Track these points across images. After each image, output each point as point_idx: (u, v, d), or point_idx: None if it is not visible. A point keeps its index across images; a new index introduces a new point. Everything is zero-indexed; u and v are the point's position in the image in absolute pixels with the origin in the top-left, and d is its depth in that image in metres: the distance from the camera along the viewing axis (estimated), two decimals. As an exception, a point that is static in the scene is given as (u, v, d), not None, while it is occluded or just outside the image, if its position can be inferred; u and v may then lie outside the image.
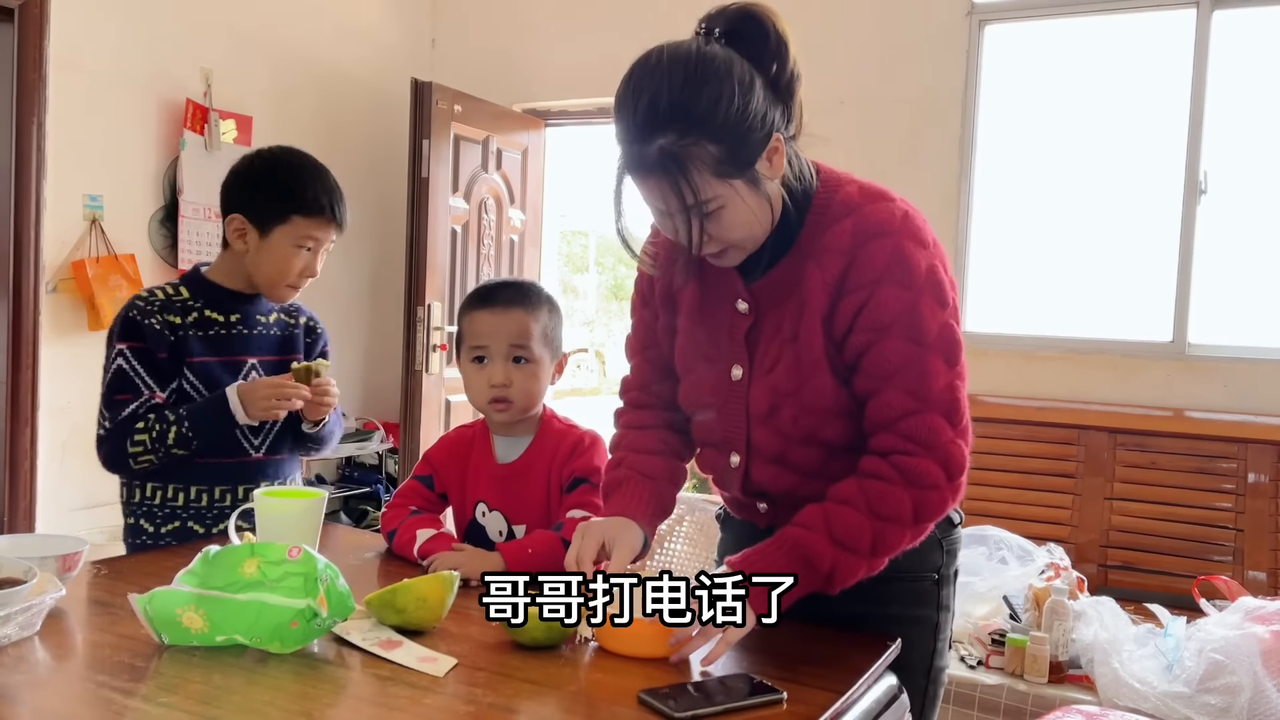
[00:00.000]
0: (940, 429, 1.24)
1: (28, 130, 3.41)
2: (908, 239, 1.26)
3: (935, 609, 1.41)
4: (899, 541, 1.25)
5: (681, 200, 1.20)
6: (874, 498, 1.23)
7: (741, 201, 1.24)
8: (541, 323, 1.63)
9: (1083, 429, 3.55)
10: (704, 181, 1.20)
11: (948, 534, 1.42)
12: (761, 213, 1.28)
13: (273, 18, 4.24)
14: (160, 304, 1.82)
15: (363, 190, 4.69)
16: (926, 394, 1.24)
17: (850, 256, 1.27)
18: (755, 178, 1.24)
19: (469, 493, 1.68)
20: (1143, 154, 3.71)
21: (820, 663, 1.20)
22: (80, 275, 3.51)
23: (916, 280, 1.25)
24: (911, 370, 1.24)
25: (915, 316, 1.24)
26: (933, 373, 1.24)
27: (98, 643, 1.20)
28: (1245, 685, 2.36)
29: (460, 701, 1.06)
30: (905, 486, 1.23)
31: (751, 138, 1.21)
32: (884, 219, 1.28)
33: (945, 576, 1.42)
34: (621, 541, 1.33)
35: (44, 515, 3.50)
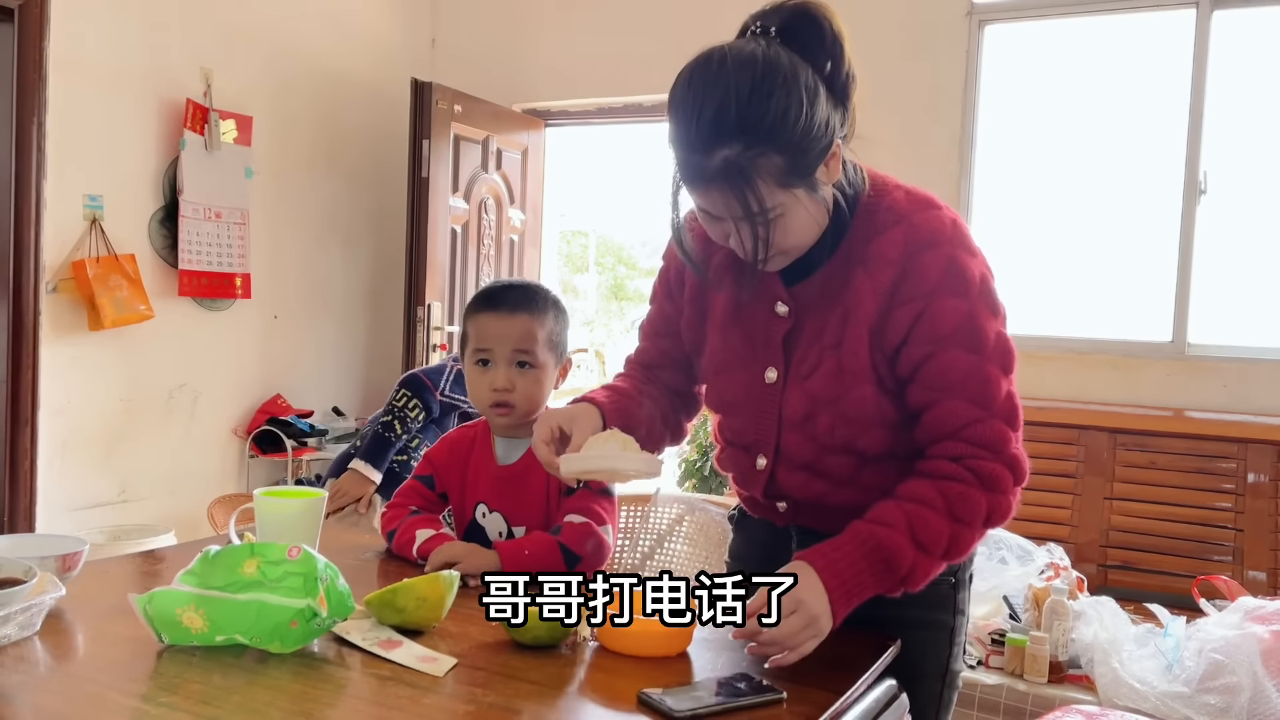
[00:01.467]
0: (1006, 435, 1.25)
1: (28, 130, 3.41)
2: (960, 249, 1.27)
3: (952, 613, 1.41)
4: (969, 545, 1.26)
5: (746, 210, 1.18)
6: (954, 500, 1.23)
7: (803, 209, 1.23)
8: (547, 328, 1.62)
9: (1083, 429, 3.55)
10: (768, 191, 1.18)
11: None
12: (819, 218, 1.27)
13: (273, 18, 4.24)
14: None
15: (363, 190, 4.70)
16: (991, 403, 1.25)
17: (902, 267, 1.26)
18: (814, 184, 1.23)
19: (469, 494, 1.68)
20: (1143, 154, 3.71)
21: (820, 663, 1.20)
22: (80, 275, 3.51)
23: (972, 290, 1.26)
24: (974, 381, 1.25)
25: (973, 326, 1.25)
26: (993, 381, 1.25)
27: (98, 643, 1.20)
28: (1245, 685, 2.36)
29: (460, 701, 1.06)
30: (982, 490, 1.24)
31: (816, 146, 1.19)
32: (935, 228, 1.27)
33: (962, 580, 1.42)
34: (579, 423, 1.32)
35: (44, 515, 3.50)
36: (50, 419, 3.52)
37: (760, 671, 1.15)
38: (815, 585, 1.18)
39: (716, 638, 1.27)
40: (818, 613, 1.16)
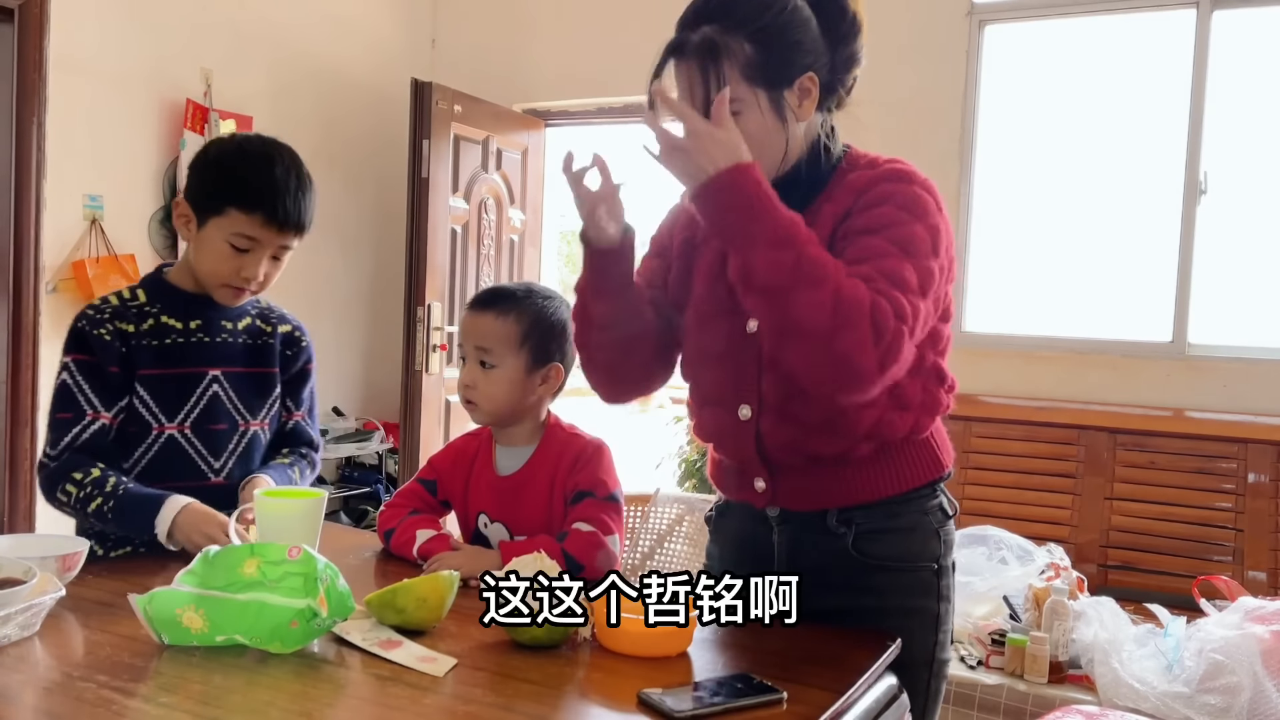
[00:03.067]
0: (908, 282, 1.20)
1: (28, 130, 3.41)
2: (922, 190, 1.29)
3: (936, 599, 1.41)
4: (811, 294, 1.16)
5: (706, 89, 1.27)
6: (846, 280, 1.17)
7: (760, 115, 1.28)
8: (514, 328, 1.60)
9: (1083, 429, 3.55)
10: (732, 78, 1.26)
11: (944, 524, 1.43)
12: (775, 140, 1.31)
13: (273, 17, 4.24)
14: (112, 311, 1.64)
15: (363, 190, 4.70)
16: (899, 278, 1.21)
17: (862, 192, 1.30)
18: (780, 103, 1.29)
19: (471, 504, 1.68)
20: (1143, 154, 3.71)
21: (820, 663, 1.20)
22: (80, 275, 3.51)
23: (917, 211, 1.26)
24: (888, 261, 1.22)
25: (907, 233, 1.24)
26: (905, 270, 1.21)
27: (98, 643, 1.20)
28: (1245, 685, 2.36)
29: (460, 701, 1.06)
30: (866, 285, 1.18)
31: (786, 55, 1.28)
32: (907, 171, 1.32)
33: (944, 567, 1.42)
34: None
35: (44, 515, 3.50)
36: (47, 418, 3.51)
37: (760, 671, 1.15)
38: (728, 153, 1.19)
39: (717, 638, 1.27)
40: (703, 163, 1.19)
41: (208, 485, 1.67)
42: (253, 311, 1.77)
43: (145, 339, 1.65)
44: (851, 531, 1.38)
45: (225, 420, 1.70)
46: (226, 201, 1.58)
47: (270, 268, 1.66)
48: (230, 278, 1.62)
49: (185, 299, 1.68)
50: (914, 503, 1.40)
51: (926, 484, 1.41)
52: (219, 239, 1.60)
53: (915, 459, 1.40)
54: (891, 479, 1.38)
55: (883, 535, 1.38)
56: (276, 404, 1.78)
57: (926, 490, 1.41)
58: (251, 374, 1.73)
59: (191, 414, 1.67)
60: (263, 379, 1.74)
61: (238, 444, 1.71)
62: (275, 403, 1.78)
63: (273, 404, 1.77)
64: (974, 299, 3.90)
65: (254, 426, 1.73)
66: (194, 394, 1.67)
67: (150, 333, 1.65)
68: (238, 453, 1.71)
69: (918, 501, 1.41)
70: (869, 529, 1.38)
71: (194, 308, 1.69)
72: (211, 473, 1.69)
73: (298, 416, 1.82)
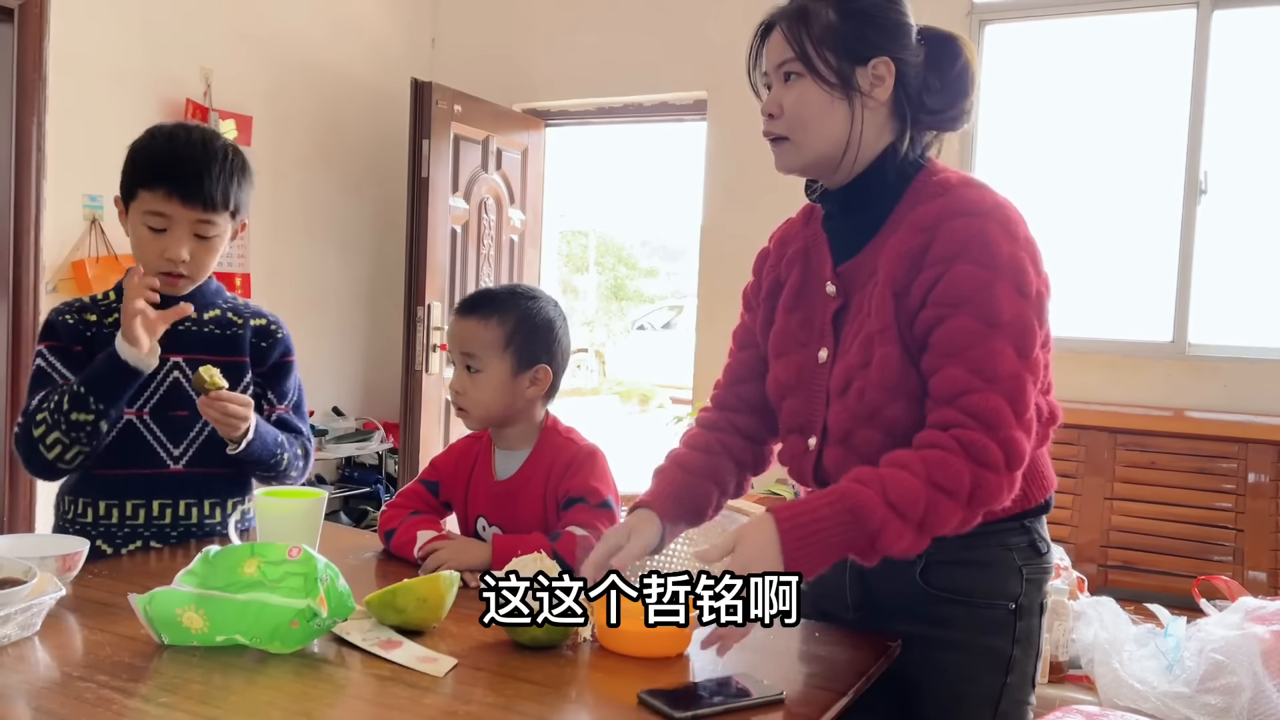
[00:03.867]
0: (1003, 412, 1.19)
1: (28, 130, 3.41)
2: (994, 223, 1.25)
3: (1010, 641, 1.32)
4: (950, 518, 1.18)
5: (793, 51, 1.31)
6: (933, 465, 1.17)
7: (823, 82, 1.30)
8: (497, 331, 1.59)
9: (1083, 429, 3.55)
10: (812, 44, 1.30)
11: (1030, 561, 1.36)
12: (836, 114, 1.32)
13: (272, 18, 4.24)
14: (79, 306, 1.71)
15: (362, 190, 4.70)
16: (992, 374, 1.20)
17: (932, 233, 1.27)
18: (849, 76, 1.30)
19: (471, 507, 1.69)
20: (1143, 154, 3.71)
21: (820, 663, 1.20)
22: (80, 275, 3.51)
23: (996, 261, 1.23)
24: (979, 349, 1.21)
25: (990, 297, 1.22)
26: (1000, 355, 1.21)
27: (98, 643, 1.20)
28: (1245, 685, 2.36)
29: (460, 702, 1.06)
30: (965, 459, 1.17)
31: (865, 31, 1.30)
32: (974, 200, 1.28)
33: (1025, 608, 1.34)
34: (638, 533, 1.33)
35: (44, 515, 3.50)
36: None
37: (760, 671, 1.15)
38: (764, 533, 1.16)
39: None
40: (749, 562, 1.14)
41: (166, 472, 1.68)
42: (222, 305, 1.77)
43: (108, 329, 1.66)
44: (921, 561, 1.33)
45: (187, 407, 1.69)
46: (136, 185, 1.62)
47: (198, 249, 1.65)
48: (157, 262, 1.63)
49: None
50: (994, 536, 1.33)
51: (1009, 518, 1.34)
52: (139, 224, 1.62)
53: None
54: None
55: (955, 567, 1.33)
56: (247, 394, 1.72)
57: (1012, 524, 1.35)
58: (220, 361, 1.70)
59: (151, 400, 1.68)
60: (229, 367, 1.70)
61: (200, 432, 1.70)
62: (245, 393, 1.72)
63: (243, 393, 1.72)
64: (974, 299, 3.90)
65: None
66: (154, 380, 1.67)
67: (113, 324, 1.64)
68: (199, 441, 1.70)
69: (998, 535, 1.34)
70: (940, 559, 1.32)
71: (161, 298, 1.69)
72: (170, 459, 1.68)
73: (281, 410, 1.79)
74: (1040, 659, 1.40)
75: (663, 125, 4.99)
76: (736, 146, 4.10)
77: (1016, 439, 1.20)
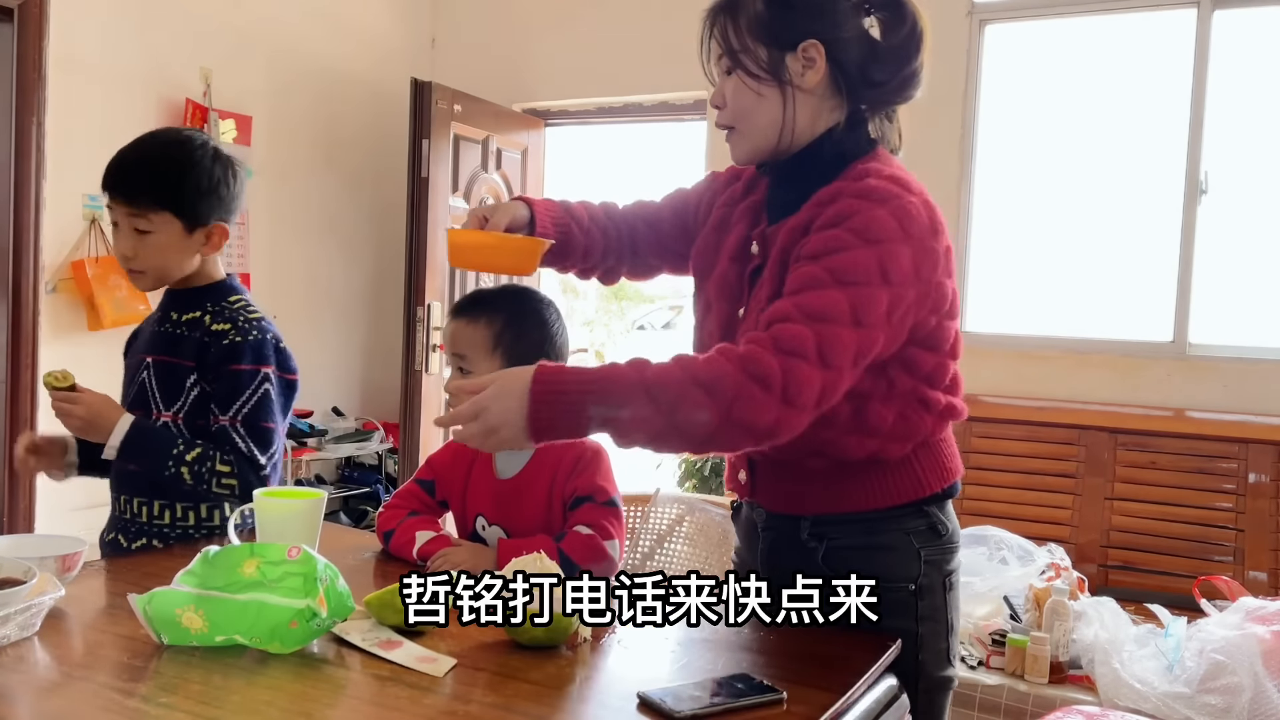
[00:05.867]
0: (804, 343, 1.18)
1: (27, 130, 3.41)
2: (886, 211, 1.25)
3: (914, 620, 1.37)
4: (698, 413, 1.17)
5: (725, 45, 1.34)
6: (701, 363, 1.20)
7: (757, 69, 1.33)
8: (485, 333, 1.58)
9: (1083, 429, 3.55)
10: (739, 35, 1.33)
11: (930, 544, 1.39)
12: (769, 103, 1.34)
13: (272, 17, 4.24)
14: None
15: (362, 190, 4.70)
16: (814, 314, 1.20)
17: (824, 207, 1.29)
18: (779, 66, 1.32)
19: (470, 505, 1.68)
20: (1143, 154, 3.71)
21: (820, 663, 1.20)
22: (80, 275, 3.51)
23: (870, 235, 1.23)
24: (813, 293, 1.21)
25: (849, 259, 1.22)
26: (833, 304, 1.20)
27: (98, 643, 1.20)
28: (1246, 685, 2.36)
29: (460, 702, 1.06)
30: (738, 368, 1.18)
31: (792, 17, 1.32)
32: (878, 188, 1.28)
33: (926, 587, 1.38)
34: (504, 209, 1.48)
35: (44, 515, 3.50)
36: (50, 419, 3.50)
37: (760, 671, 1.15)
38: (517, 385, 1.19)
39: (717, 638, 1.27)
40: (496, 425, 1.19)
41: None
42: (209, 308, 1.74)
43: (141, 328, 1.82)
44: (823, 546, 1.38)
45: (143, 407, 1.72)
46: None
47: (136, 243, 1.69)
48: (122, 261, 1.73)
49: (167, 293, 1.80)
50: (892, 520, 1.38)
51: (906, 504, 1.38)
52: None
53: (888, 480, 1.37)
54: (857, 496, 1.37)
55: (855, 553, 1.36)
56: (191, 400, 1.71)
57: (910, 510, 1.38)
58: (167, 363, 1.73)
59: (126, 400, 1.76)
60: (174, 369, 1.70)
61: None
62: (190, 399, 1.70)
63: (187, 399, 1.71)
64: (974, 299, 3.90)
65: (164, 418, 1.72)
66: (134, 378, 1.76)
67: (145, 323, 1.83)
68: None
69: (897, 520, 1.38)
70: (842, 545, 1.38)
71: (164, 298, 1.80)
72: None
73: (223, 421, 1.69)
74: (955, 634, 1.43)
75: (663, 125, 4.99)
76: (736, 146, 4.10)
77: (805, 375, 1.18)
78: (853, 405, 1.30)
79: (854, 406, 1.30)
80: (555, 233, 1.53)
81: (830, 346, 1.19)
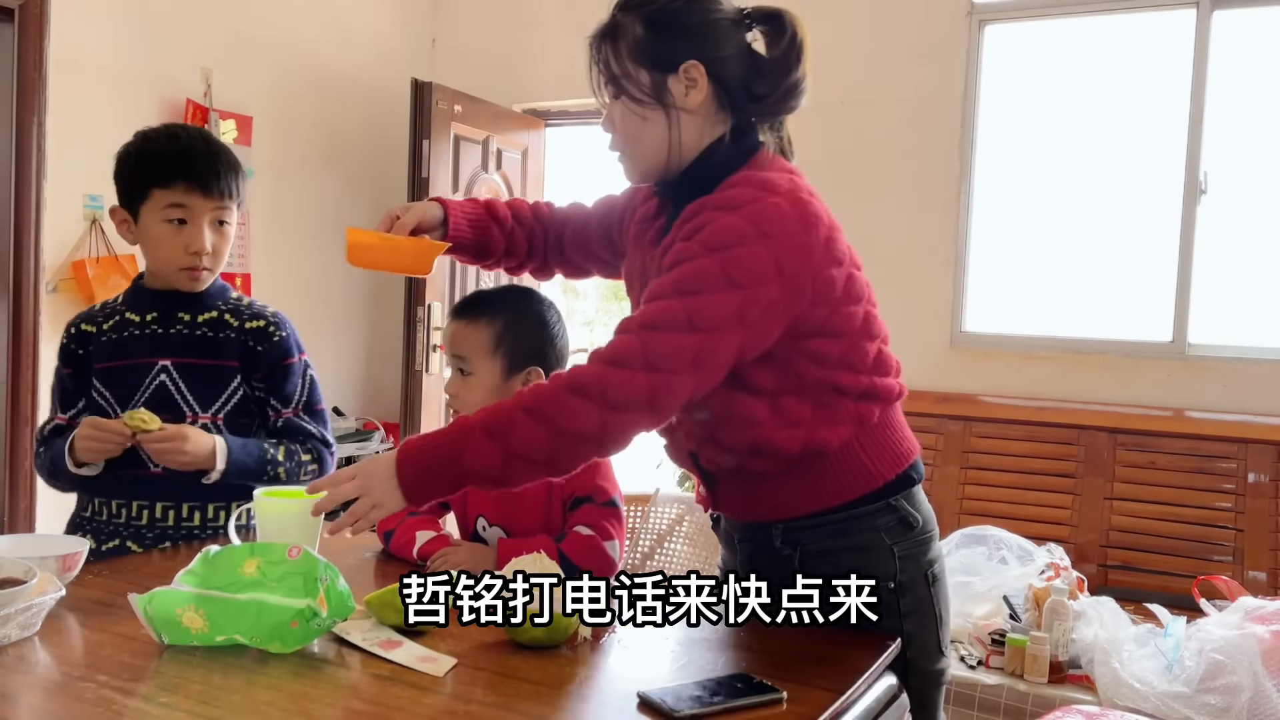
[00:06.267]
0: (630, 352, 1.23)
1: (28, 130, 3.41)
2: (741, 216, 1.27)
3: (898, 618, 1.37)
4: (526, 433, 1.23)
5: (608, 71, 1.38)
6: (538, 390, 1.26)
7: (640, 94, 1.35)
8: (485, 334, 1.58)
9: (1083, 429, 3.55)
10: (621, 56, 1.36)
11: (902, 539, 1.39)
12: (654, 125, 1.36)
13: (273, 18, 4.24)
14: (85, 316, 1.78)
15: (363, 190, 4.69)
16: (647, 323, 1.25)
17: (687, 220, 1.33)
18: (661, 89, 1.35)
19: (470, 506, 1.68)
20: (1143, 154, 3.71)
21: (820, 663, 1.20)
22: (80, 275, 3.51)
23: (719, 242, 1.26)
24: (655, 306, 1.26)
25: (693, 271, 1.25)
26: (669, 314, 1.24)
27: (98, 643, 1.20)
28: (1245, 685, 2.36)
29: (460, 701, 1.06)
30: (562, 379, 1.25)
31: (671, 40, 1.34)
32: (735, 196, 1.31)
33: (906, 584, 1.38)
34: (415, 211, 1.53)
35: (44, 515, 3.50)
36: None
37: (760, 671, 1.15)
38: (384, 465, 1.28)
39: (716, 638, 1.27)
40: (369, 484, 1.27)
41: (148, 475, 1.69)
42: (223, 305, 1.76)
43: (105, 335, 1.73)
44: (797, 553, 1.39)
45: (172, 410, 1.69)
46: (147, 185, 1.66)
47: (216, 238, 1.70)
48: (179, 257, 1.68)
49: (151, 295, 1.75)
50: (863, 519, 1.38)
51: (867, 498, 1.38)
52: (155, 223, 1.67)
53: (836, 471, 1.37)
54: (812, 493, 1.38)
55: (829, 556, 1.37)
56: (235, 400, 1.73)
57: (874, 505, 1.38)
58: (203, 365, 1.72)
59: (139, 404, 1.69)
60: (214, 371, 1.72)
61: None
62: (233, 398, 1.73)
63: (230, 399, 1.73)
64: (974, 299, 3.90)
65: (203, 419, 1.71)
66: (142, 384, 1.70)
67: (111, 329, 1.74)
68: None
69: (867, 518, 1.38)
70: (815, 549, 1.38)
71: (156, 301, 1.74)
72: (151, 462, 1.67)
73: (287, 414, 1.78)
74: (945, 626, 1.43)
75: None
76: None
77: (622, 379, 1.23)
78: (769, 401, 1.33)
79: (770, 402, 1.33)
80: (470, 232, 1.59)
81: (657, 351, 1.23)
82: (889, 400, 1.40)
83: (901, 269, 3.90)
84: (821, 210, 1.32)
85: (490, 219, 1.62)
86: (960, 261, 3.86)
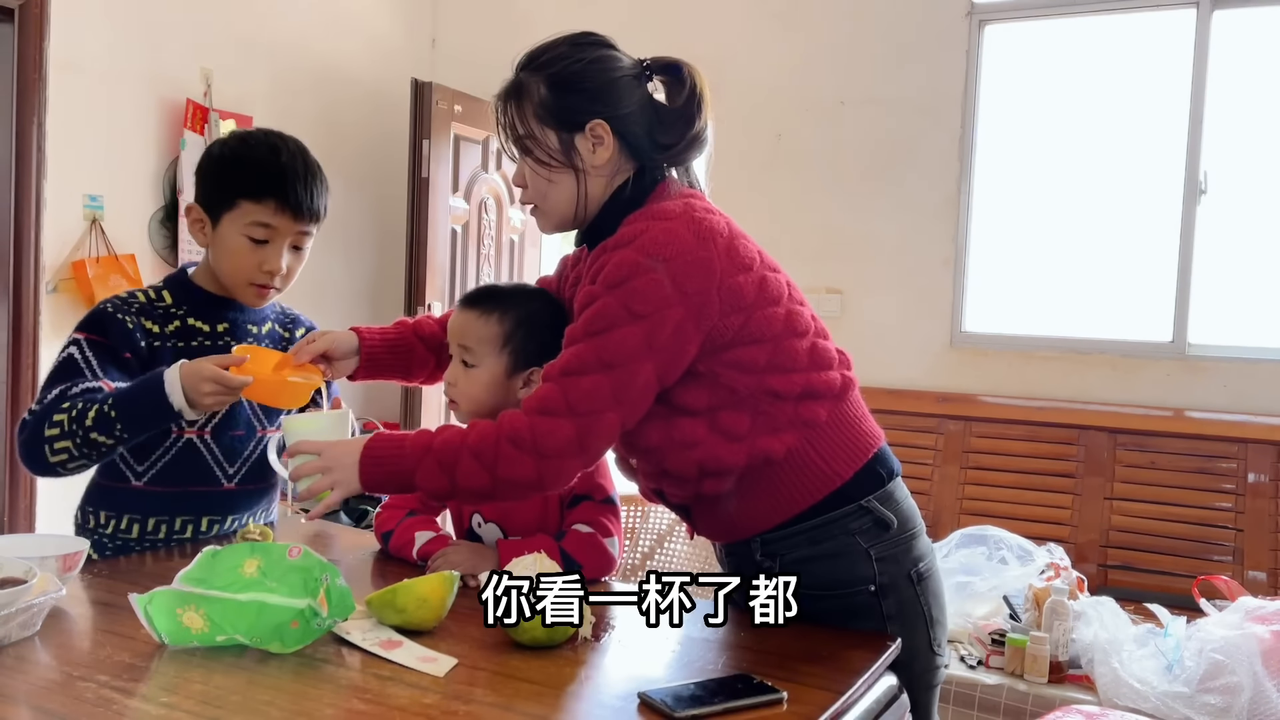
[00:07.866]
0: (553, 400, 1.29)
1: (28, 130, 3.41)
2: (635, 250, 1.30)
3: (882, 620, 1.36)
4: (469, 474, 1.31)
5: (512, 129, 1.41)
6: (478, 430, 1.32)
7: (547, 157, 1.39)
8: (497, 329, 1.56)
9: (1083, 429, 3.55)
10: (526, 117, 1.40)
11: (878, 541, 1.37)
12: (562, 182, 1.40)
13: (273, 18, 4.24)
14: (139, 307, 1.60)
15: (363, 190, 4.70)
16: (565, 369, 1.30)
17: (591, 266, 1.37)
18: (569, 145, 1.39)
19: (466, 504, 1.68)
20: (1143, 154, 3.71)
21: (820, 663, 1.20)
22: (80, 275, 3.51)
23: (612, 282, 1.30)
24: (567, 352, 1.31)
25: (594, 313, 1.30)
26: (582, 358, 1.29)
27: (98, 643, 1.20)
28: (1245, 685, 2.36)
29: (460, 702, 1.06)
30: (501, 426, 1.31)
31: (576, 101, 1.38)
32: (628, 233, 1.34)
33: (887, 586, 1.37)
34: (325, 338, 1.60)
35: (44, 515, 3.50)
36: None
37: (760, 671, 1.15)
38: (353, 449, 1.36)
39: (716, 638, 1.27)
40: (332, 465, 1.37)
41: (220, 490, 1.65)
42: (272, 315, 1.74)
43: (170, 340, 1.60)
44: (777, 565, 1.38)
45: (244, 426, 1.67)
46: (236, 194, 1.56)
47: (292, 259, 1.63)
48: (253, 274, 1.59)
49: (212, 301, 1.65)
50: (834, 524, 1.36)
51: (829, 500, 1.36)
52: (235, 235, 1.57)
53: (793, 476, 1.35)
54: (775, 502, 1.37)
55: (807, 564, 1.36)
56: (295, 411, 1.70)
57: (845, 509, 1.37)
58: None
59: (213, 419, 1.63)
60: None
61: (253, 450, 1.68)
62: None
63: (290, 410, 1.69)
64: (974, 299, 3.90)
65: (271, 433, 1.69)
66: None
67: (176, 334, 1.61)
68: (252, 460, 1.68)
69: (839, 522, 1.37)
70: (793, 559, 1.37)
71: (221, 310, 1.65)
72: (225, 478, 1.65)
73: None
74: (937, 624, 1.41)
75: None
76: (732, 148, 4.10)
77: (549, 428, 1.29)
78: (706, 419, 1.34)
79: (707, 420, 1.34)
80: (386, 356, 1.67)
81: (576, 395, 1.28)
82: (836, 395, 1.38)
83: (901, 269, 3.91)
84: (719, 223, 1.34)
85: (416, 338, 1.68)
86: (960, 261, 3.87)
